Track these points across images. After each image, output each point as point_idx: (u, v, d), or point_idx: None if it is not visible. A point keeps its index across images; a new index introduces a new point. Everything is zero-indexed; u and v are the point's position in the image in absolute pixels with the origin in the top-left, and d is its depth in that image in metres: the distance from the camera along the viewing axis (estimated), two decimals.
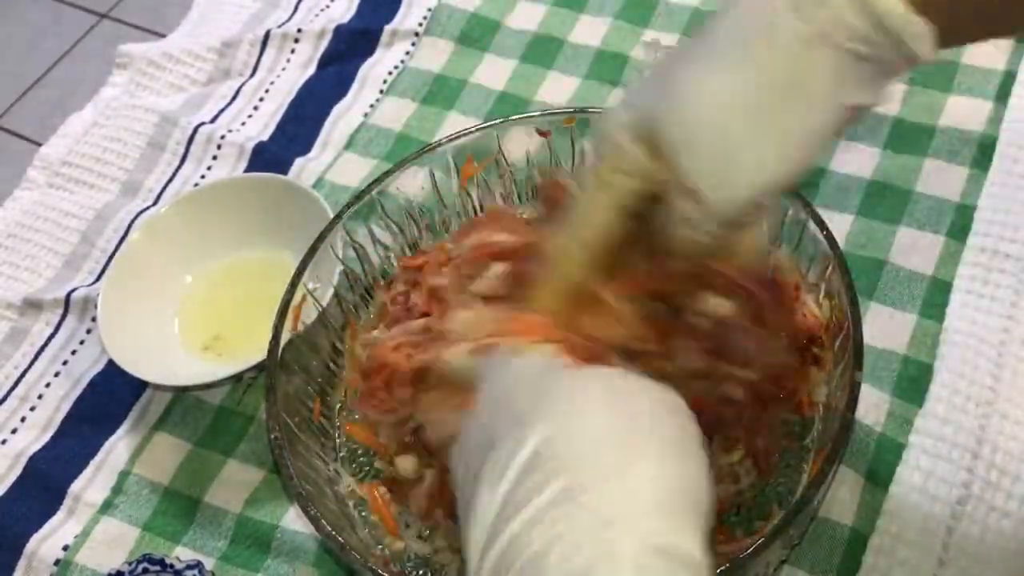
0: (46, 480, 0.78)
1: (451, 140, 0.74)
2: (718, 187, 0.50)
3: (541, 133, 0.75)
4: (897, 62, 0.48)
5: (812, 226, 0.66)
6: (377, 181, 0.73)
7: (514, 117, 0.76)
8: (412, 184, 0.74)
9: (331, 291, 0.72)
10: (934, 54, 0.47)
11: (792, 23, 0.47)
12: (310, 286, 0.70)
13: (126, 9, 1.99)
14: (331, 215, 0.75)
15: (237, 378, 0.77)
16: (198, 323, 0.82)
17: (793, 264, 0.68)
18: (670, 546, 0.42)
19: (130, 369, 0.75)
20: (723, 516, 0.64)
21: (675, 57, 0.53)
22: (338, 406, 0.72)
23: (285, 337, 0.67)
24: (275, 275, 0.78)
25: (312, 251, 0.70)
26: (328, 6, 1.05)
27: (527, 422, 0.46)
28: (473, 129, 0.75)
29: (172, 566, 0.69)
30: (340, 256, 0.73)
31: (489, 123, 0.76)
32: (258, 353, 0.70)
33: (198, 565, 0.69)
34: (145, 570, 0.70)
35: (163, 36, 1.09)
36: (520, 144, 0.76)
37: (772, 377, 0.62)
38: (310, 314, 0.70)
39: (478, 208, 0.78)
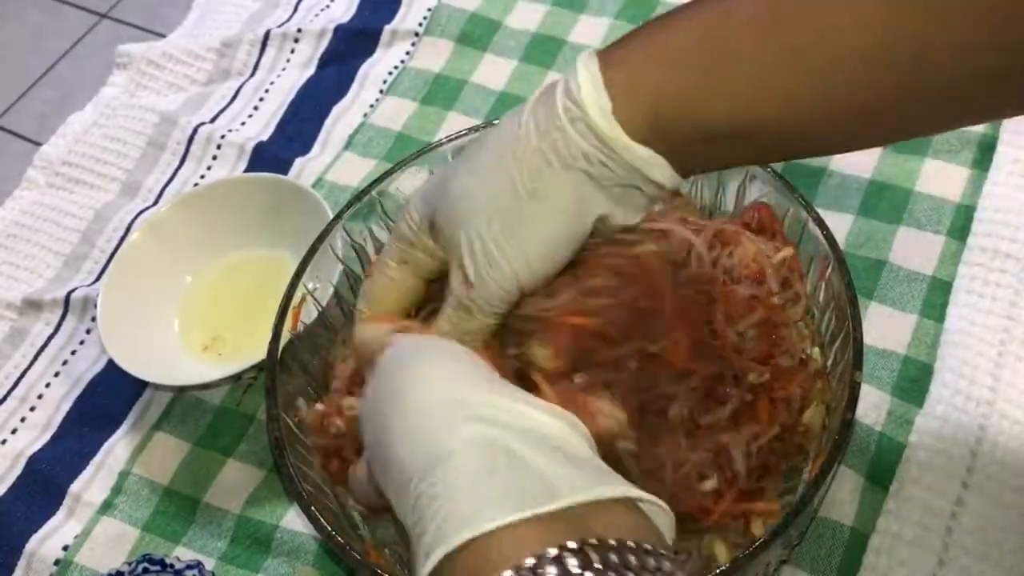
0: (46, 480, 0.78)
1: (451, 140, 0.74)
2: (479, 280, 0.55)
3: None
4: (643, 185, 0.53)
5: (812, 226, 0.66)
6: (377, 181, 0.73)
7: None
8: (413, 184, 0.74)
9: (331, 291, 0.72)
10: (677, 182, 0.53)
11: (533, 140, 0.53)
12: (310, 286, 0.70)
13: (126, 9, 2.00)
14: (331, 215, 0.75)
15: (236, 378, 0.77)
16: (198, 323, 0.82)
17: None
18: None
19: (130, 369, 0.75)
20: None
21: (455, 160, 0.60)
22: None
23: (285, 337, 0.67)
24: (275, 275, 0.78)
25: (312, 251, 0.70)
26: (328, 6, 1.05)
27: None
28: (474, 129, 0.75)
29: (172, 566, 0.69)
30: (340, 256, 0.73)
31: (488, 123, 0.75)
32: (258, 353, 0.70)
33: (198, 565, 0.69)
34: (145, 570, 0.69)
35: (163, 36, 1.09)
36: None
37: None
38: (310, 314, 0.70)
39: None
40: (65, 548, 0.74)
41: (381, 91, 0.97)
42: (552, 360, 0.57)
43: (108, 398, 0.81)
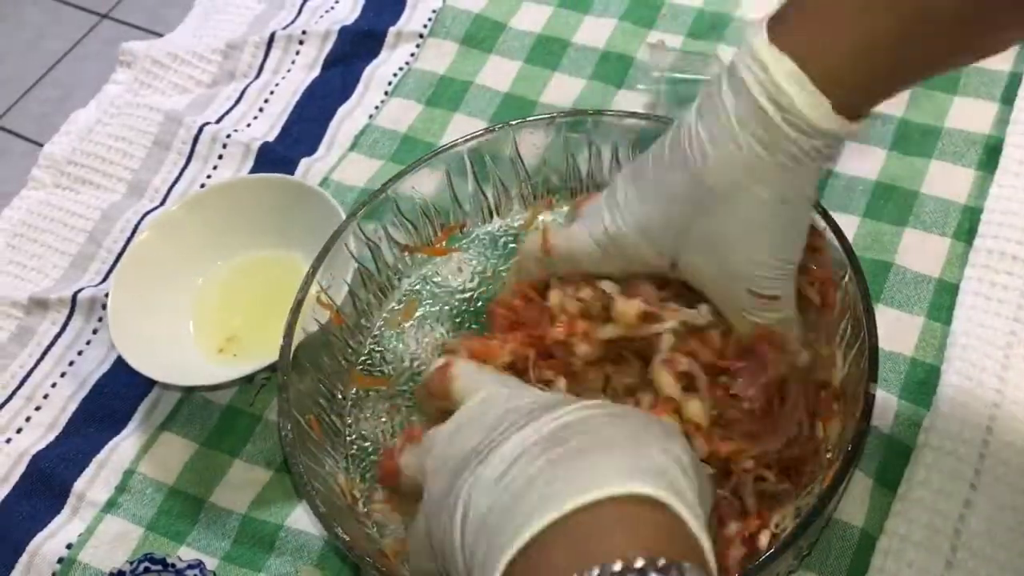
0: (50, 479, 0.77)
1: (466, 141, 0.74)
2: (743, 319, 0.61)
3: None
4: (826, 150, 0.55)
5: (829, 234, 0.66)
6: (392, 180, 0.73)
7: (531, 118, 0.76)
8: (427, 184, 0.74)
9: (345, 289, 0.72)
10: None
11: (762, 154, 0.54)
12: (324, 284, 0.70)
13: (126, 9, 2.00)
14: (343, 215, 0.76)
15: (250, 379, 0.77)
16: (212, 325, 0.82)
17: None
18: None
19: (143, 369, 0.75)
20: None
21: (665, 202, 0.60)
22: (349, 404, 0.72)
23: (299, 336, 0.67)
24: (287, 276, 0.79)
25: (327, 249, 0.70)
26: (333, 8, 1.05)
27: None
28: (488, 130, 0.75)
29: (173, 565, 0.69)
30: (354, 254, 0.73)
31: (504, 124, 0.76)
32: (272, 353, 0.70)
33: (199, 565, 0.69)
34: (147, 569, 0.69)
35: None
36: (534, 145, 0.76)
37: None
38: (323, 313, 0.70)
39: (494, 210, 0.79)
40: (69, 546, 0.74)
41: (386, 92, 0.97)
42: (670, 388, 0.61)
43: (114, 398, 0.81)
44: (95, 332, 0.85)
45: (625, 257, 0.62)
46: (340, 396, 0.72)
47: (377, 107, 0.96)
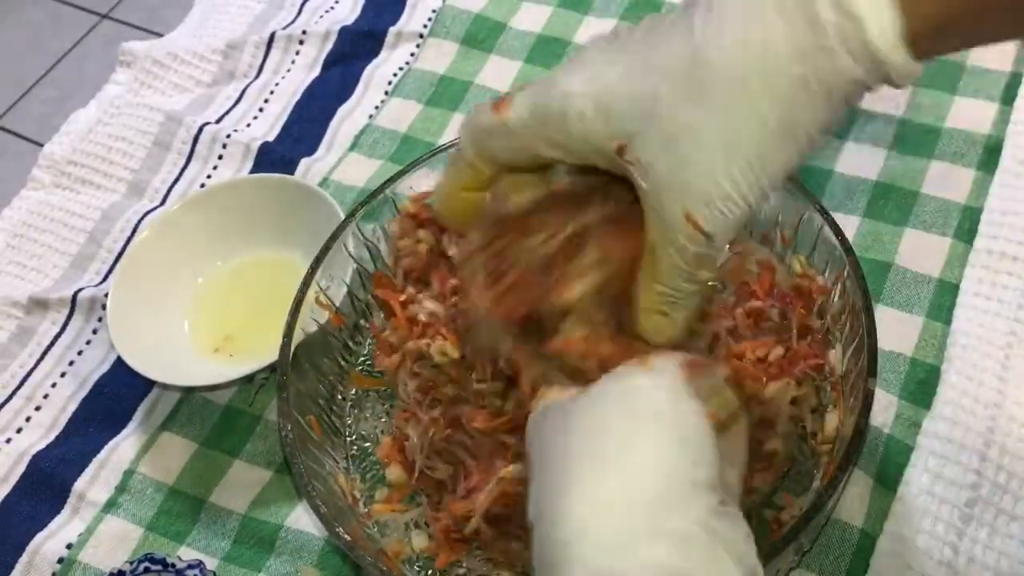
0: (50, 479, 0.77)
1: None
2: (716, 229, 0.48)
3: None
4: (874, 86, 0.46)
5: (827, 232, 0.66)
6: (390, 181, 0.73)
7: None
8: (425, 184, 0.74)
9: (344, 290, 0.72)
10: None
11: (792, 67, 0.45)
12: (322, 284, 0.70)
13: (126, 9, 2.00)
14: (342, 215, 0.75)
15: (249, 379, 0.77)
16: (209, 324, 0.82)
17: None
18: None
19: (141, 369, 0.75)
20: None
21: (644, 68, 0.50)
22: (349, 404, 0.72)
23: (298, 336, 0.67)
24: (286, 275, 0.79)
25: (326, 249, 0.70)
26: (332, 8, 1.05)
27: None
28: None
29: (173, 565, 0.69)
30: (353, 255, 0.73)
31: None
32: (271, 354, 0.70)
33: (199, 565, 0.69)
34: (147, 569, 0.69)
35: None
36: None
37: None
38: (322, 313, 0.70)
39: None
40: (69, 546, 0.74)
41: (386, 92, 0.97)
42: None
43: (114, 398, 0.81)
44: (95, 332, 0.85)
45: (565, 133, 0.51)
46: (340, 396, 0.72)
47: (377, 107, 0.96)
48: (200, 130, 0.95)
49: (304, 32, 1.02)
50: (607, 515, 0.44)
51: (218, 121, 0.96)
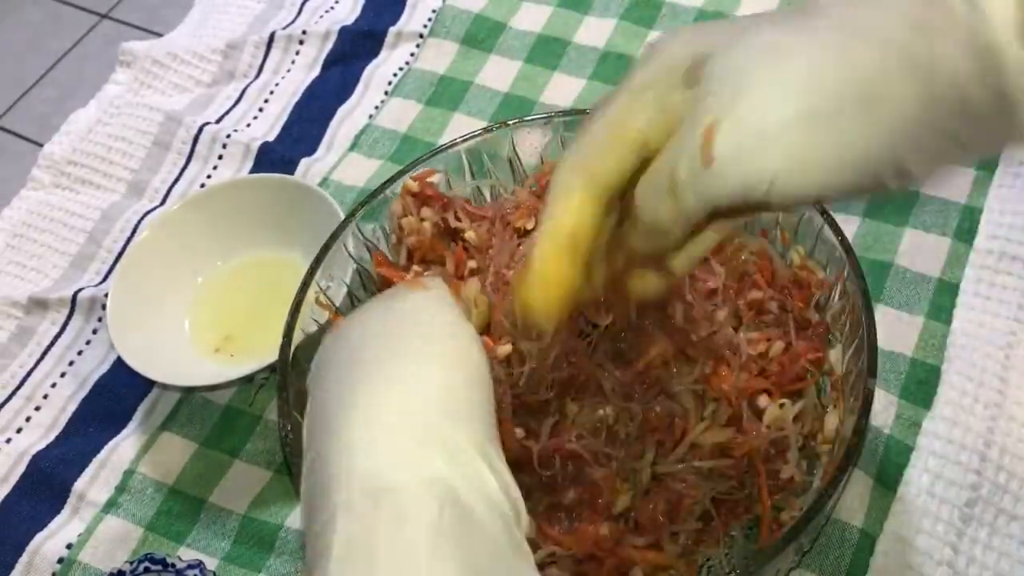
0: (50, 479, 0.77)
1: (464, 140, 0.74)
2: (725, 163, 0.42)
3: None
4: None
5: (827, 232, 0.66)
6: (390, 181, 0.73)
7: (528, 118, 0.76)
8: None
9: (344, 290, 0.72)
10: None
11: (900, 33, 0.40)
12: (322, 284, 0.70)
13: (126, 9, 2.00)
14: (342, 215, 0.76)
15: (249, 379, 0.77)
16: (209, 324, 0.82)
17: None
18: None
19: (141, 369, 0.75)
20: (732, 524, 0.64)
21: (762, 19, 0.46)
22: None
23: (298, 336, 0.67)
24: (286, 276, 0.79)
25: (325, 249, 0.70)
26: (332, 8, 1.05)
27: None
28: (486, 129, 0.75)
29: (173, 565, 0.69)
30: (353, 255, 0.73)
31: (501, 123, 0.75)
32: (270, 354, 0.70)
33: (199, 565, 0.69)
34: (147, 569, 0.69)
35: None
36: (532, 145, 0.76)
37: None
38: (322, 314, 0.70)
39: None
40: (69, 547, 0.74)
41: (386, 92, 0.97)
42: None
43: (114, 398, 0.81)
44: (95, 332, 0.85)
45: (656, 66, 0.47)
46: None
47: (377, 107, 0.96)
48: (200, 130, 0.95)
49: (304, 32, 1.01)
50: (383, 431, 0.44)
51: (218, 121, 0.96)
